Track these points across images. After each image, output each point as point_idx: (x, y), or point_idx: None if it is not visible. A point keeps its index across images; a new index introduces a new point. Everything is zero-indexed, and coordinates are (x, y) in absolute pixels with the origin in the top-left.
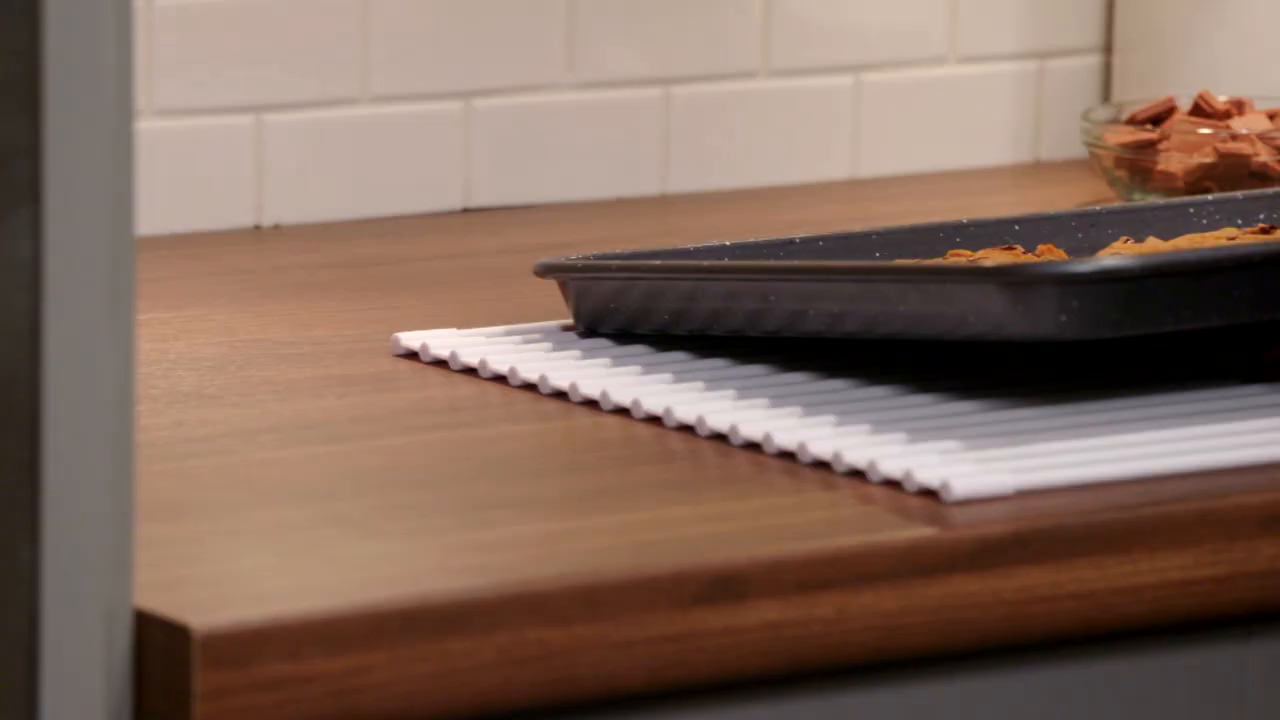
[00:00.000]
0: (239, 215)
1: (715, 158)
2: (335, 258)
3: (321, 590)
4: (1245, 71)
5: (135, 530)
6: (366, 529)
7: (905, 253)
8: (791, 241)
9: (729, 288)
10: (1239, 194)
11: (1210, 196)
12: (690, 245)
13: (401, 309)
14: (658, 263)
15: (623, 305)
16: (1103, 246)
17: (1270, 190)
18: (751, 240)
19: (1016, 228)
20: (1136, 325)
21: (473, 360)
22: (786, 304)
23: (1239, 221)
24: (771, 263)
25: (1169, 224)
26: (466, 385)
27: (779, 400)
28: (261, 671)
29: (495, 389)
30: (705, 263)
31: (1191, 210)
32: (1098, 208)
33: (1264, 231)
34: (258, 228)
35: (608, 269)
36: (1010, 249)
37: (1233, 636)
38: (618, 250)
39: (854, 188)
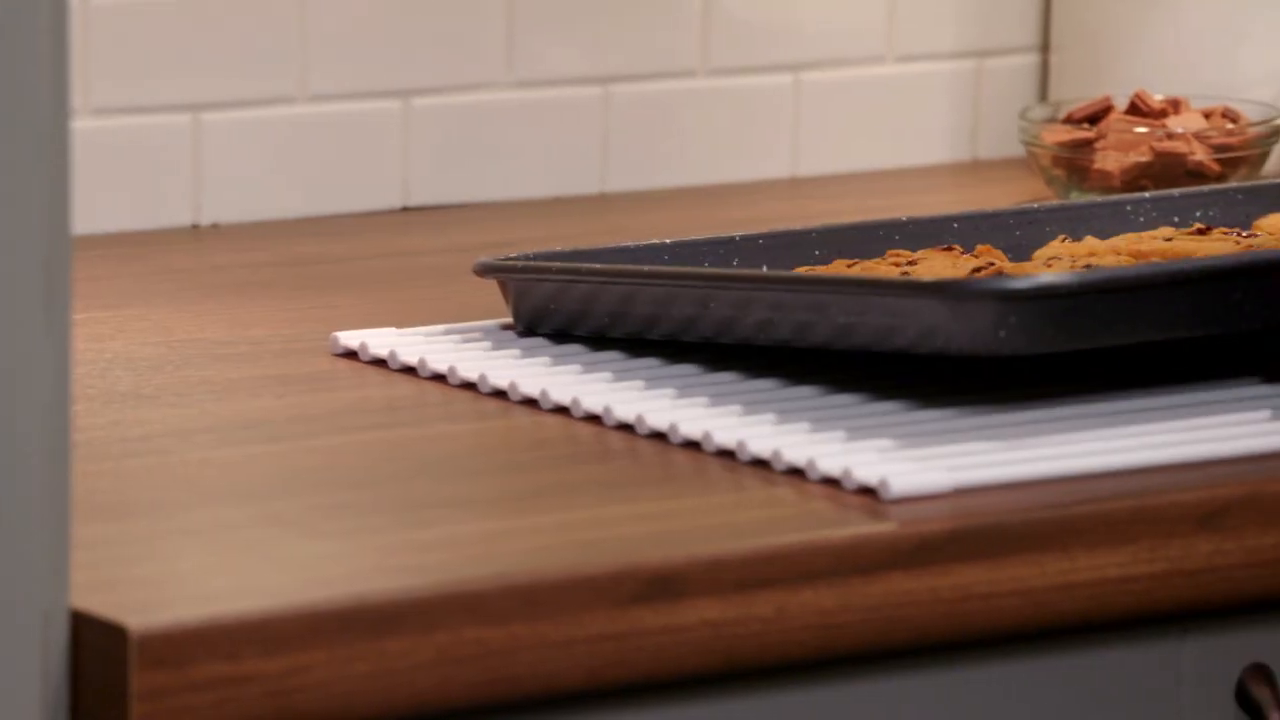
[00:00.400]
0: (176, 214)
1: (655, 156)
2: (273, 257)
3: (259, 590)
4: (1181, 71)
5: (72, 531)
6: (304, 529)
7: (845, 250)
8: (731, 239)
9: (665, 293)
10: (1176, 191)
11: (1148, 194)
12: (631, 243)
13: (340, 308)
14: (596, 266)
15: (562, 306)
16: (1041, 244)
17: (1207, 188)
18: (691, 239)
19: (955, 225)
20: (1074, 341)
21: (411, 359)
22: (723, 310)
23: (1175, 219)
24: (708, 270)
25: (1107, 222)
26: (405, 385)
27: (718, 399)
28: (198, 672)
29: (434, 388)
30: (643, 268)
31: (1129, 208)
32: (1036, 205)
33: (1200, 233)
34: (195, 227)
35: (547, 270)
36: (949, 249)
37: (1169, 633)
38: (559, 248)
39: (793, 186)
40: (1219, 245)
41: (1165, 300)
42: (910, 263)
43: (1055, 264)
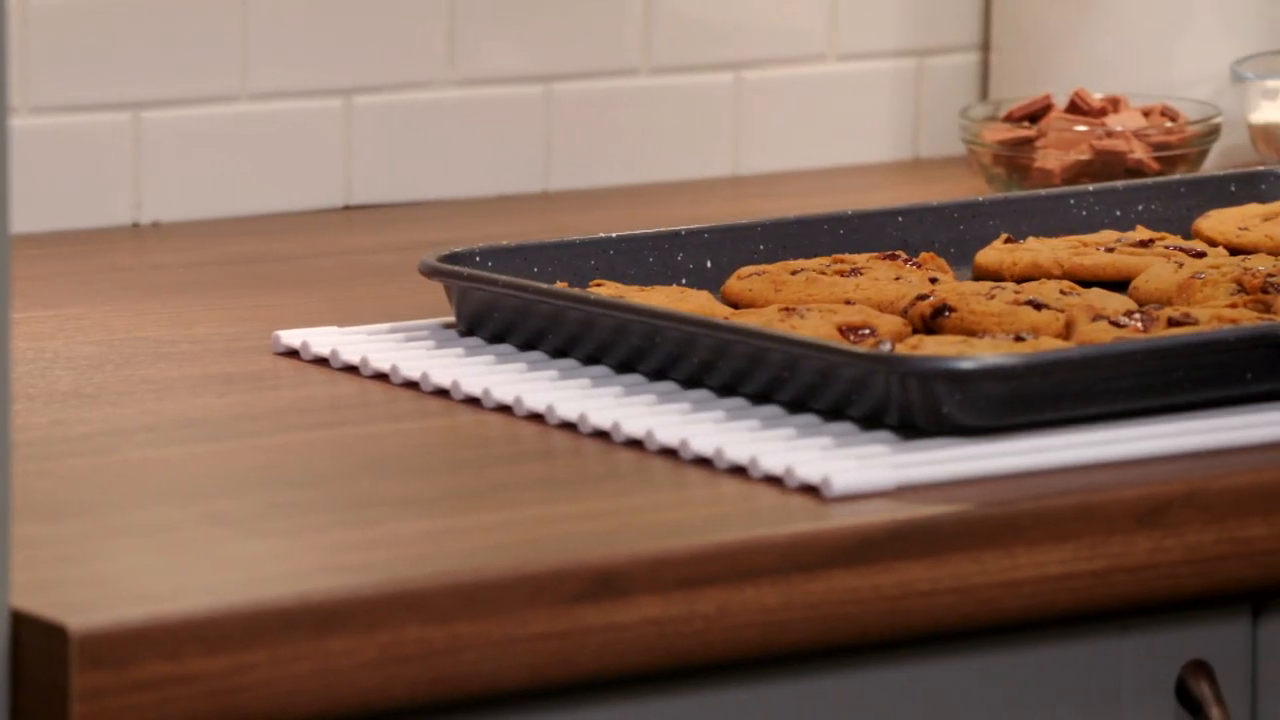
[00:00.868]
0: (117, 213)
1: (597, 155)
2: (215, 255)
3: (201, 589)
4: (1120, 69)
5: (12, 530)
6: (246, 528)
7: (789, 244)
8: (676, 233)
9: (614, 325)
10: (1118, 184)
11: (1090, 187)
12: (576, 238)
13: (282, 307)
14: (541, 285)
15: (500, 313)
16: (984, 240)
17: (1149, 180)
18: (636, 232)
19: (900, 219)
20: (1018, 416)
21: (354, 358)
22: (666, 348)
23: (1117, 213)
24: (653, 308)
25: (1049, 216)
26: (348, 383)
27: (662, 397)
28: (140, 671)
29: (377, 387)
30: (590, 295)
31: (1072, 201)
32: (979, 199)
33: (1143, 244)
34: (136, 225)
35: (491, 282)
36: (893, 257)
37: (1110, 630)
38: (506, 243)
39: (735, 184)
40: (1159, 260)
41: (1108, 378)
42: (854, 270)
43: (998, 294)
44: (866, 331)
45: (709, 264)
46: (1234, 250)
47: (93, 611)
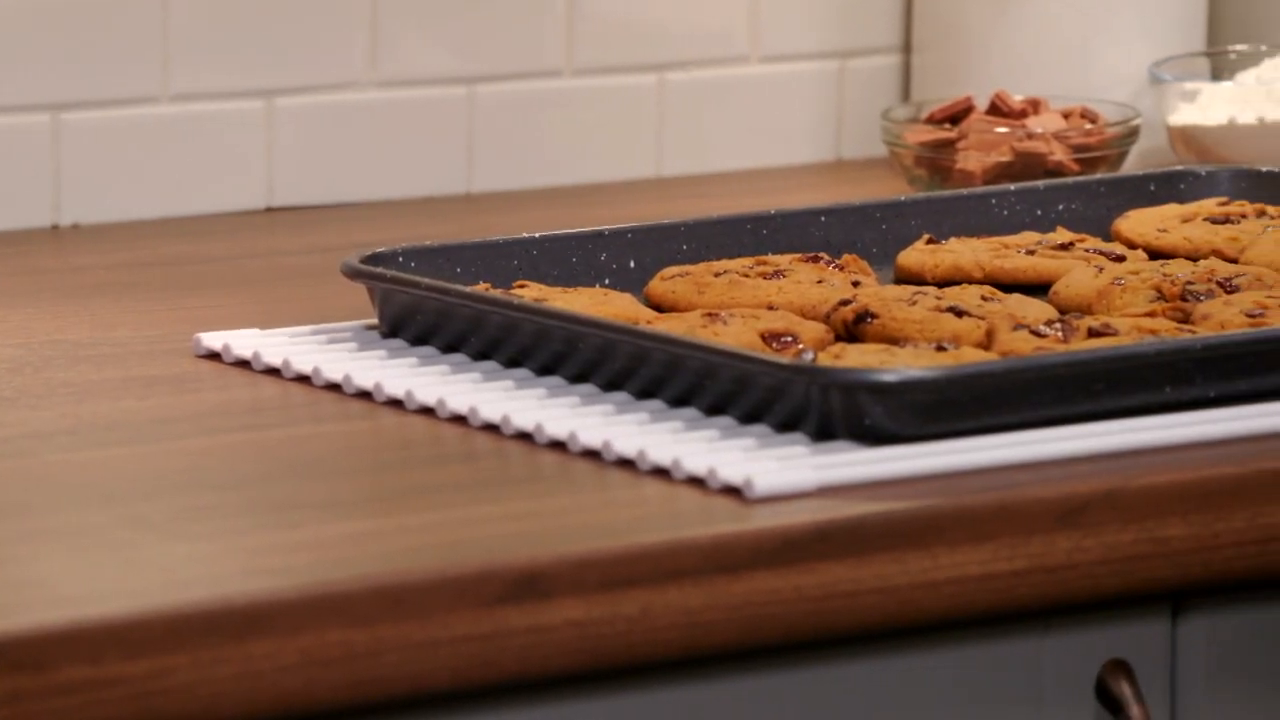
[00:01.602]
0: (36, 215)
1: (520, 156)
2: (135, 257)
3: (121, 593)
4: (1040, 71)
5: None
6: (168, 531)
7: (712, 244)
8: (600, 233)
9: (535, 330)
10: (1039, 184)
11: (1012, 187)
12: (499, 238)
13: (204, 309)
14: (464, 289)
15: (423, 316)
16: (907, 239)
17: (1070, 180)
18: (560, 232)
19: (823, 218)
20: (938, 425)
21: (276, 360)
22: (588, 353)
23: (1038, 212)
24: (573, 313)
25: (970, 215)
26: (270, 386)
27: (586, 399)
28: (61, 676)
29: (299, 389)
30: (512, 299)
31: (993, 201)
32: (902, 198)
33: (1063, 247)
34: (55, 227)
35: (414, 285)
36: (816, 258)
37: (1030, 630)
38: (429, 243)
39: (659, 186)
40: (1079, 264)
41: (1029, 390)
42: (777, 272)
43: (919, 300)
44: (789, 339)
45: (632, 264)
46: (1153, 252)
47: (12, 615)
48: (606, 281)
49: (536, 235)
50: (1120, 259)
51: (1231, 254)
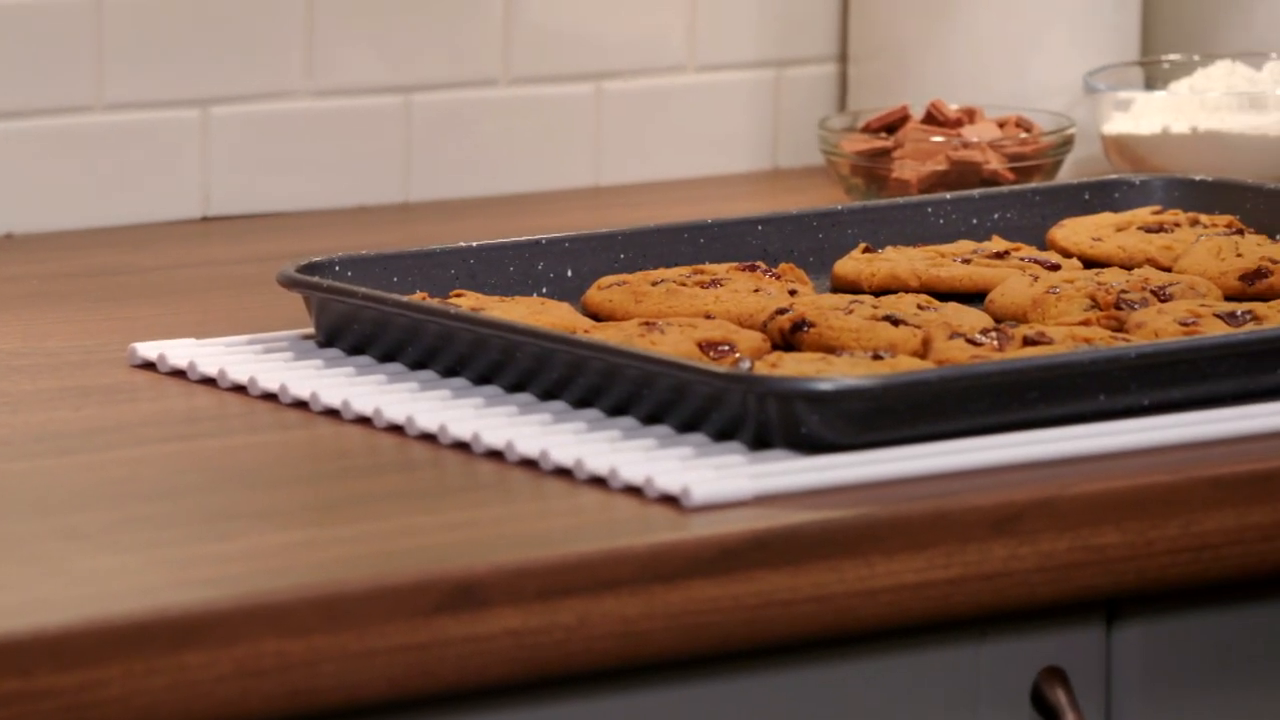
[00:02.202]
0: None
1: (457, 165)
2: (70, 267)
3: (53, 604)
4: (976, 81)
5: None
6: (101, 542)
7: (650, 253)
8: (537, 242)
9: (472, 339)
10: (975, 193)
11: (948, 195)
12: (436, 247)
13: (138, 319)
14: (402, 299)
15: (359, 325)
16: (843, 248)
17: (1005, 189)
18: (497, 241)
19: (760, 227)
20: (875, 433)
21: (211, 370)
22: (525, 362)
23: (974, 221)
24: (510, 322)
25: (907, 224)
26: (205, 395)
27: (522, 409)
28: None
29: (235, 399)
30: (449, 308)
31: (929, 209)
32: (839, 207)
33: (999, 256)
34: None
35: (350, 294)
36: (753, 267)
37: (966, 638)
38: (366, 252)
39: (596, 195)
40: (1014, 272)
41: (965, 398)
42: (715, 281)
43: (856, 308)
44: (726, 348)
45: (570, 273)
46: (1087, 261)
47: None
48: (544, 290)
49: (473, 244)
50: (1055, 268)
51: (1165, 263)
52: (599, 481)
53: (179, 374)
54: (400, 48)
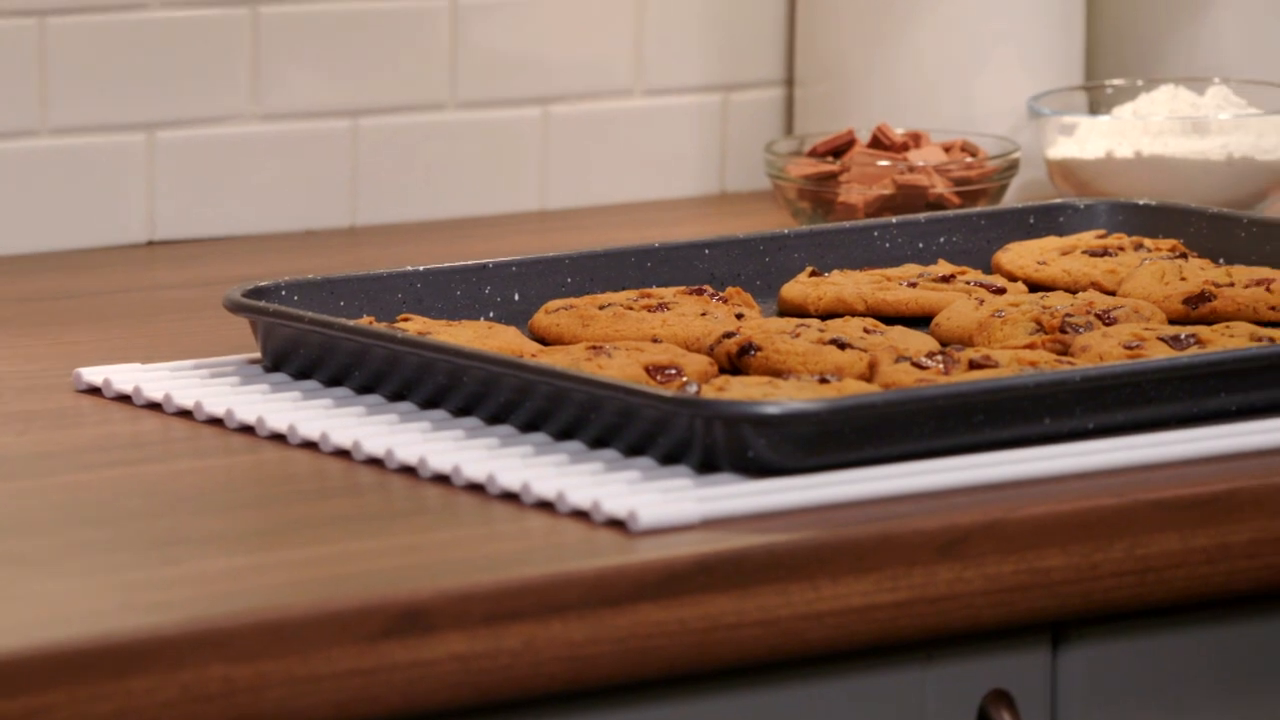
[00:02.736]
0: None
1: (404, 189)
2: (15, 292)
3: None
4: (921, 105)
5: None
6: (46, 568)
7: (597, 277)
8: (484, 266)
9: (419, 362)
10: (921, 217)
11: (893, 219)
12: (383, 271)
13: (83, 344)
14: (348, 323)
15: (306, 349)
16: (790, 272)
17: (950, 213)
18: (444, 265)
19: (707, 251)
20: (821, 457)
21: (157, 395)
22: (471, 386)
23: (920, 245)
24: (457, 346)
25: (853, 248)
26: (150, 420)
27: (469, 433)
28: None
29: (180, 424)
30: (397, 333)
31: (876, 233)
32: (786, 231)
33: (944, 279)
34: None
35: (296, 318)
36: (700, 291)
37: (912, 661)
38: (312, 276)
39: (543, 219)
40: (960, 296)
41: (911, 421)
42: (661, 305)
43: (802, 332)
44: (673, 371)
45: (517, 297)
46: (1032, 284)
47: None
48: (491, 314)
49: (420, 268)
50: (1001, 291)
51: (1110, 286)
52: (546, 505)
53: (124, 399)
54: (347, 71)
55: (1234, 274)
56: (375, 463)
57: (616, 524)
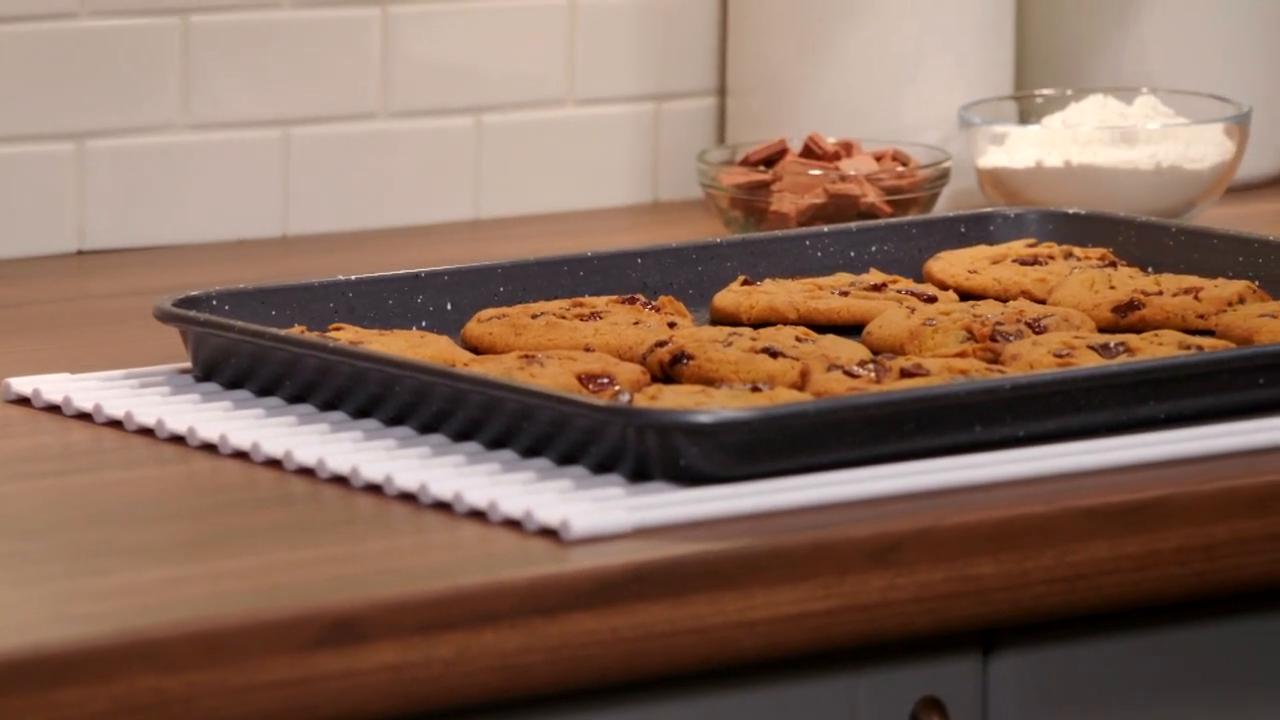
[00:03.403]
0: None
1: (336, 199)
2: None
3: None
4: (853, 114)
5: None
6: None
7: (529, 287)
8: (417, 275)
9: (351, 373)
10: (852, 226)
11: (825, 228)
12: (315, 280)
13: (12, 354)
14: (279, 332)
15: (237, 359)
16: (722, 281)
17: (882, 222)
18: (377, 275)
19: (639, 261)
20: (754, 465)
21: (87, 405)
22: (403, 395)
23: (852, 254)
24: (390, 356)
25: (785, 256)
26: (80, 431)
27: (401, 442)
28: None
29: (110, 434)
30: (328, 343)
31: (808, 242)
32: (718, 240)
33: (876, 288)
34: None
35: (227, 328)
36: (632, 300)
37: (845, 668)
38: (243, 286)
39: (475, 228)
40: (891, 305)
41: (843, 430)
42: (594, 314)
43: (735, 341)
44: (605, 380)
45: (449, 306)
46: (963, 293)
47: None
48: (423, 324)
49: (352, 278)
50: (932, 300)
51: (1040, 295)
52: (478, 515)
53: (54, 409)
54: (278, 81)
55: (1162, 282)
56: (307, 472)
57: (549, 533)
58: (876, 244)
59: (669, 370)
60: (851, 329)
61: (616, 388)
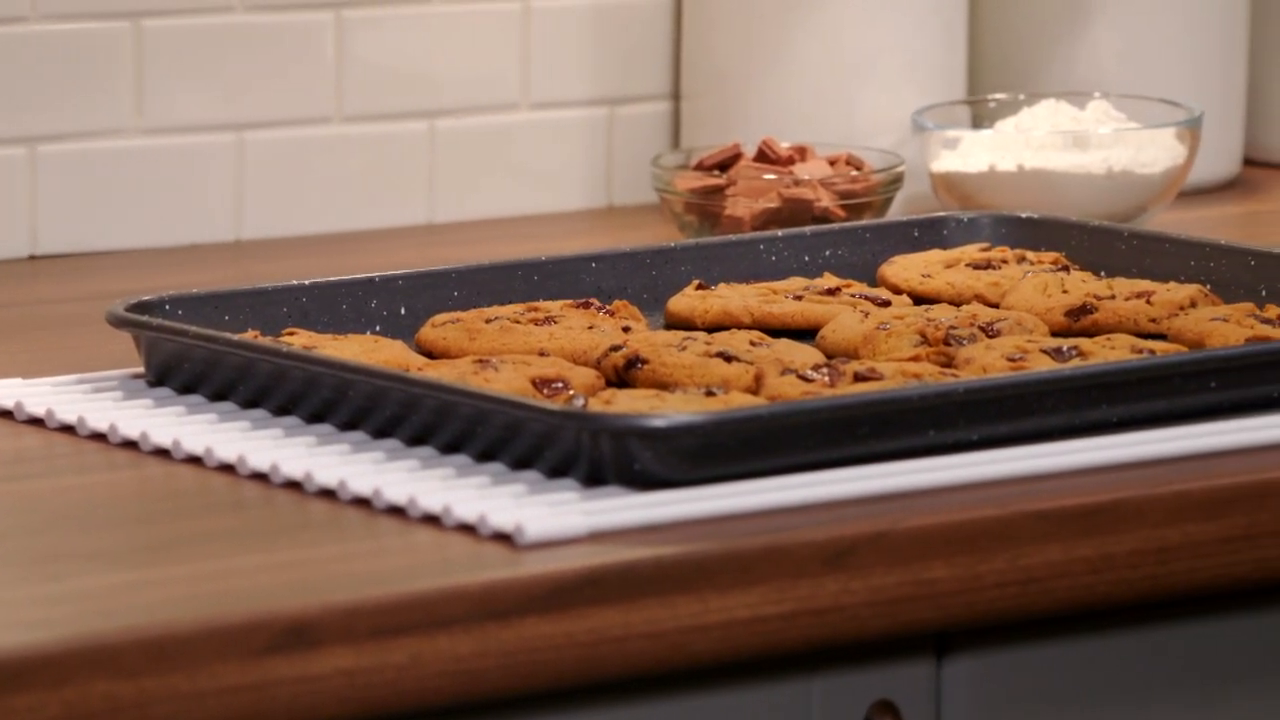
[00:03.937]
0: None
1: (290, 203)
2: None
3: None
4: (807, 119)
5: None
6: None
7: (484, 291)
8: (370, 280)
9: (305, 377)
10: (807, 230)
11: (779, 233)
12: (268, 285)
13: None
14: (231, 337)
15: (190, 364)
16: (677, 285)
17: (836, 226)
18: (330, 279)
19: (594, 265)
20: (709, 469)
21: (39, 410)
22: (357, 400)
23: (806, 258)
24: (342, 360)
25: (740, 261)
26: (32, 436)
27: (355, 447)
28: None
29: (63, 439)
30: (281, 347)
31: (762, 247)
32: (672, 244)
33: (830, 292)
34: None
35: (180, 333)
36: (587, 304)
37: (798, 672)
38: (196, 291)
39: (429, 233)
40: (845, 309)
41: (797, 434)
42: (549, 318)
43: (689, 345)
44: (560, 385)
45: (403, 311)
46: (917, 297)
47: None
48: (377, 328)
49: (306, 282)
50: (885, 304)
51: (993, 299)
52: (432, 520)
53: (5, 414)
54: (232, 85)
55: (1115, 286)
56: (260, 478)
57: (503, 537)
58: (830, 248)
59: (623, 375)
60: (806, 333)
61: (571, 392)
